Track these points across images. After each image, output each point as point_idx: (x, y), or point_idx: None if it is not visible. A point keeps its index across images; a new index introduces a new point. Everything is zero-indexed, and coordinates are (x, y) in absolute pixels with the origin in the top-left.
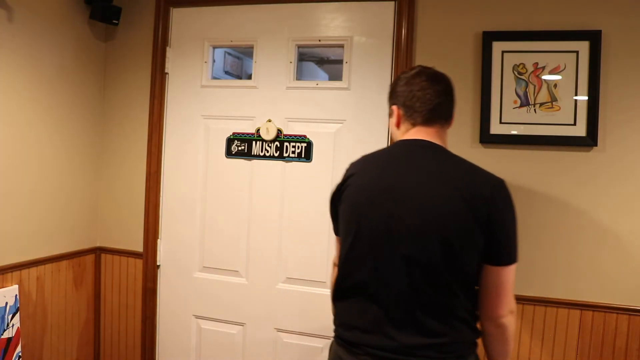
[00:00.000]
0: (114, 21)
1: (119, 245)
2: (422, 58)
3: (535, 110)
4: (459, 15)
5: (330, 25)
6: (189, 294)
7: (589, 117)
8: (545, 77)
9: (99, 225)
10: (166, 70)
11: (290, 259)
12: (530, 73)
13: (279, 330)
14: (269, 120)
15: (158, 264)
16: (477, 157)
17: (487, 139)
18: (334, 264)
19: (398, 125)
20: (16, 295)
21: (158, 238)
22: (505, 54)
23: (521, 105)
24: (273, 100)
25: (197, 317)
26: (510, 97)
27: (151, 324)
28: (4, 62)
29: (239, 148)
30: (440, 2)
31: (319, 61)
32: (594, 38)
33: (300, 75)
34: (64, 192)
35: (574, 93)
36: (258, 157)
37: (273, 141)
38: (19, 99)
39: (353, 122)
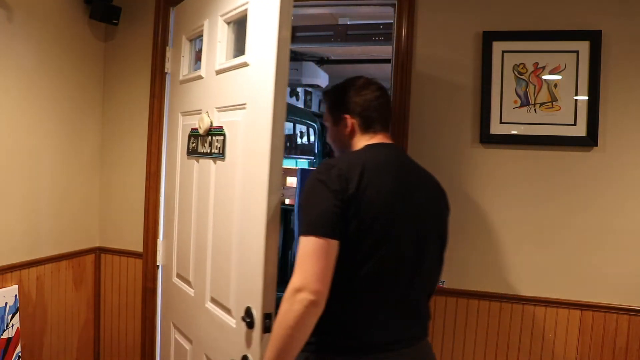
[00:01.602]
0: (114, 21)
1: (119, 245)
2: (422, 58)
3: (535, 110)
4: (459, 15)
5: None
6: (169, 300)
7: (589, 117)
8: (546, 77)
9: (99, 225)
10: (166, 70)
11: (214, 275)
12: (531, 73)
13: (207, 357)
14: (206, 113)
15: (158, 264)
16: (478, 157)
17: (488, 139)
18: (303, 290)
19: (352, 133)
20: (16, 295)
21: (158, 238)
22: (505, 54)
23: (521, 105)
24: (209, 88)
25: (174, 325)
26: (510, 97)
27: (151, 324)
28: (4, 62)
29: (192, 146)
30: (440, 2)
31: (319, 61)
32: (594, 38)
33: (237, 55)
34: (64, 192)
35: (574, 93)
36: (201, 154)
37: (206, 136)
38: (19, 99)
39: (252, 107)
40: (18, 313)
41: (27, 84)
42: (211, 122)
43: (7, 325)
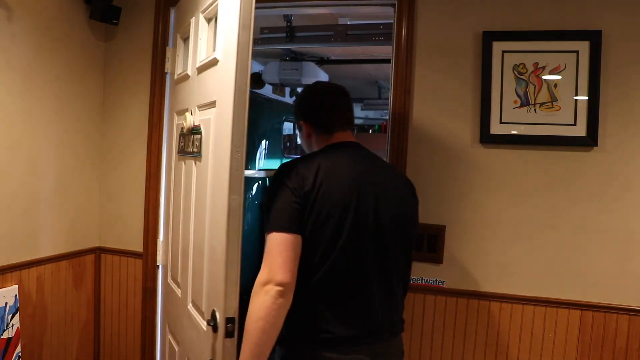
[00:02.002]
0: (114, 21)
1: (119, 245)
2: (422, 58)
3: (535, 110)
4: (459, 15)
5: None
6: (165, 301)
7: (589, 117)
8: (546, 77)
9: (99, 225)
10: (166, 70)
11: (194, 278)
12: (531, 73)
13: None
14: (190, 111)
15: (158, 264)
16: (478, 157)
17: (488, 139)
18: (270, 282)
19: (310, 136)
20: (16, 296)
21: (158, 238)
22: (505, 54)
23: (521, 105)
24: (192, 87)
25: (168, 326)
26: (510, 97)
27: (151, 324)
28: (4, 62)
29: (181, 145)
30: (440, 2)
31: (319, 61)
32: (594, 38)
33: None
34: (64, 192)
35: (574, 93)
36: (186, 154)
37: (190, 135)
38: (19, 99)
39: (221, 105)
40: (18, 313)
41: (27, 84)
42: (193, 121)
43: (7, 325)
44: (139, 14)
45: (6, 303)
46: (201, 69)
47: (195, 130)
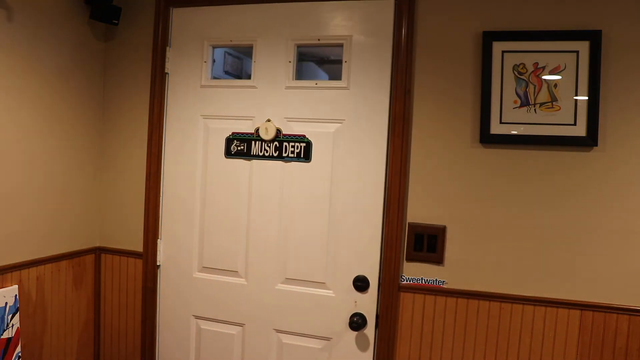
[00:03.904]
0: (114, 21)
1: (119, 245)
2: (422, 58)
3: (535, 110)
4: (459, 15)
5: (330, 24)
6: (188, 294)
7: (589, 117)
8: (546, 77)
9: (99, 225)
10: (166, 70)
11: (289, 260)
12: (531, 73)
13: (278, 331)
14: (269, 120)
15: (158, 264)
16: (478, 157)
17: (487, 139)
18: None
19: None
20: (16, 295)
21: (158, 238)
22: (505, 54)
23: (521, 105)
24: (272, 100)
25: (197, 317)
26: (510, 97)
27: (151, 324)
28: (4, 62)
29: (239, 148)
30: (440, 2)
31: (319, 61)
32: (594, 38)
33: (299, 75)
34: (64, 191)
35: (574, 93)
36: (257, 157)
37: (272, 141)
38: (19, 99)
39: (351, 122)
40: (18, 313)
41: (27, 84)
42: (278, 130)
43: (7, 325)
44: (139, 14)
45: (6, 303)
46: (297, 88)
47: (292, 138)
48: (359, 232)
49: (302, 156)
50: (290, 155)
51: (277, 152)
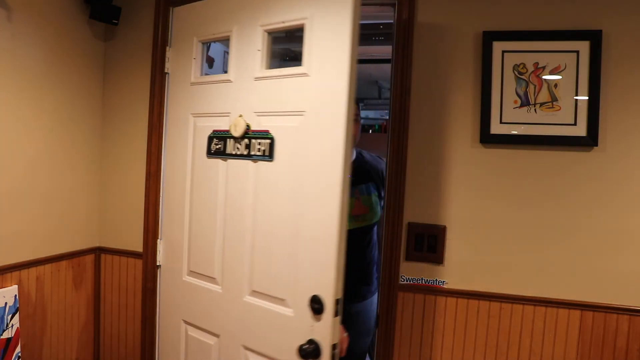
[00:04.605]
0: (114, 21)
1: (119, 246)
2: (422, 58)
3: (535, 110)
4: (459, 15)
5: (296, 5)
6: (179, 298)
7: (589, 117)
8: (546, 77)
9: (99, 225)
10: (166, 70)
11: (256, 270)
12: (531, 73)
13: (245, 348)
14: (240, 116)
15: (158, 264)
16: (478, 157)
17: (488, 139)
18: None
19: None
20: (16, 296)
21: (158, 238)
22: (505, 54)
23: (521, 105)
24: (244, 93)
25: (185, 322)
26: (510, 97)
27: (151, 325)
28: (4, 62)
29: (217, 147)
30: (440, 2)
31: None
32: (594, 38)
33: (274, 65)
34: (64, 192)
35: (574, 93)
36: (231, 156)
37: (242, 138)
38: (19, 99)
39: (313, 114)
40: (18, 313)
41: (27, 84)
42: (248, 125)
43: (7, 325)
44: (139, 14)
45: (6, 303)
46: (264, 78)
47: (257, 135)
48: (319, 244)
49: (266, 154)
50: (257, 153)
51: (247, 150)
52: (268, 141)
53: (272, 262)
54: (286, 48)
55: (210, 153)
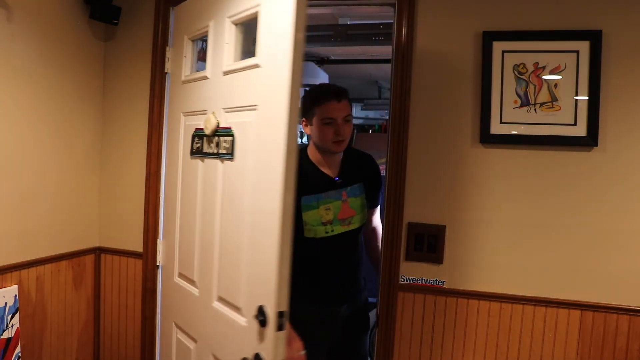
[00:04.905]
0: (114, 21)
1: (119, 246)
2: (422, 58)
3: (535, 110)
4: (459, 15)
5: None
6: (172, 299)
7: (589, 117)
8: (546, 77)
9: (99, 225)
10: (166, 70)
11: (222, 275)
12: (531, 73)
13: (214, 356)
14: (212, 113)
15: (158, 264)
16: (478, 157)
17: (488, 139)
18: None
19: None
20: (15, 296)
21: (158, 238)
22: (505, 54)
23: (521, 105)
24: (217, 89)
25: (175, 324)
26: (510, 97)
27: (151, 324)
28: (3, 62)
29: (197, 146)
30: (440, 2)
31: (319, 61)
32: (594, 38)
33: (246, 57)
34: (64, 191)
35: (574, 93)
36: (206, 155)
37: (213, 136)
38: (19, 99)
39: (264, 108)
40: (18, 313)
41: (27, 84)
42: (217, 123)
43: (7, 325)
44: (139, 14)
45: (6, 303)
46: (230, 72)
47: (223, 132)
48: (264, 250)
49: (228, 153)
50: (222, 152)
51: (217, 149)
52: (230, 138)
53: (234, 267)
54: None
55: (192, 152)
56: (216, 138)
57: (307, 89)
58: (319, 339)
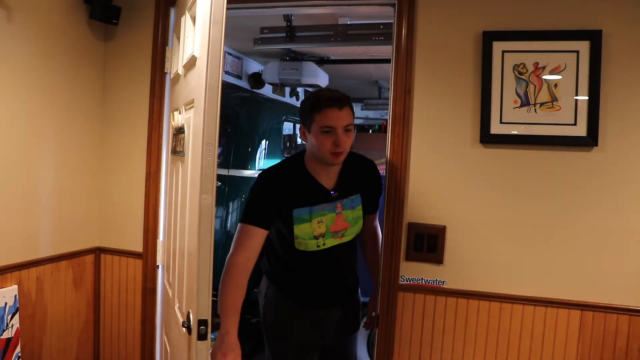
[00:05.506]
0: (114, 21)
1: (119, 246)
2: (422, 58)
3: (535, 110)
4: (459, 15)
5: None
6: (163, 302)
7: (589, 117)
8: (546, 76)
9: (99, 225)
10: (166, 70)
11: (178, 278)
12: (531, 73)
13: None
14: (177, 110)
15: (158, 264)
16: (478, 157)
17: (488, 139)
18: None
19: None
20: (15, 296)
21: (158, 238)
22: (505, 54)
23: (521, 105)
24: (182, 85)
25: (163, 327)
26: (510, 97)
27: (151, 325)
28: (3, 62)
29: (173, 145)
30: (440, 2)
31: (319, 61)
32: (594, 38)
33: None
34: (64, 192)
35: (574, 93)
36: (176, 153)
37: (178, 134)
38: (19, 99)
39: (197, 103)
40: (18, 313)
41: (27, 84)
42: (180, 121)
43: (7, 325)
44: (139, 14)
45: (6, 303)
46: (186, 68)
47: (181, 130)
48: (193, 252)
49: (182, 151)
50: (179, 150)
51: (180, 147)
52: (183, 136)
53: (181, 270)
54: (287, 48)
55: (172, 152)
56: (180, 136)
57: (308, 91)
58: (311, 341)
